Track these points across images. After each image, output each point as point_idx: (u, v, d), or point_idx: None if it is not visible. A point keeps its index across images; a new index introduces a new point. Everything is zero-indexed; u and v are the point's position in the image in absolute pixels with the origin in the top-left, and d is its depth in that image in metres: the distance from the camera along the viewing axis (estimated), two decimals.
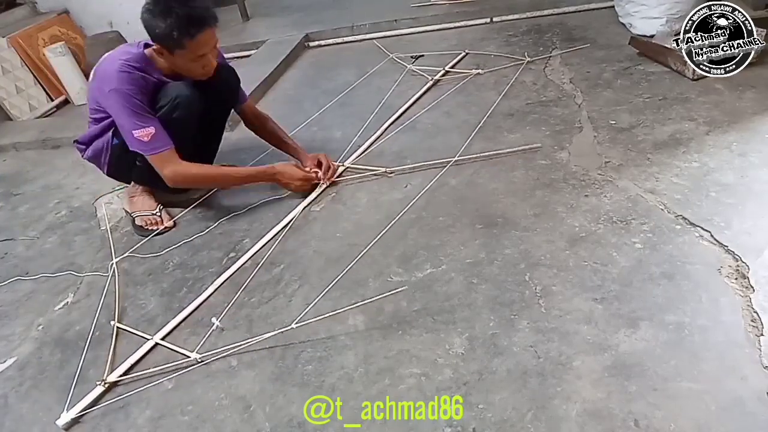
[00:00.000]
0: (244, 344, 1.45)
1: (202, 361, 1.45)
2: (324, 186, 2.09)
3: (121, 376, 1.44)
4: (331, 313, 1.47)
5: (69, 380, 1.47)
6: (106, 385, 1.41)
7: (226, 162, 2.31)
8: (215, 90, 1.96)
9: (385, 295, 1.49)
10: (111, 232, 2.11)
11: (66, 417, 1.34)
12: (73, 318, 1.72)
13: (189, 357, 1.45)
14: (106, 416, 1.36)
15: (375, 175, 2.13)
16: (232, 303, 1.62)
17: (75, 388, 1.43)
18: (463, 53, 3.13)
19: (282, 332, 1.45)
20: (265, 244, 1.86)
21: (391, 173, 2.11)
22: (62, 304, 1.79)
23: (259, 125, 2.23)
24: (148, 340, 1.54)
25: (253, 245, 1.85)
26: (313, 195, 2.07)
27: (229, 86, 2.07)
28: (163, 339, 1.54)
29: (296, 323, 1.45)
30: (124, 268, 1.90)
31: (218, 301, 1.66)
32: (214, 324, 1.52)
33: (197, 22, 1.69)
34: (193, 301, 1.66)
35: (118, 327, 1.61)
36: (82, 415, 1.37)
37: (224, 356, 1.45)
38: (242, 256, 1.82)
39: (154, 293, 1.75)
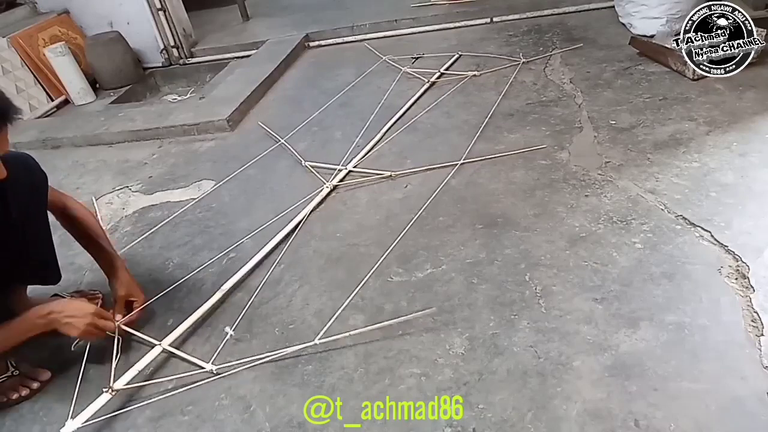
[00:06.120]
0: (260, 359, 1.40)
1: (218, 374, 1.39)
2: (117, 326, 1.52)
3: (127, 384, 1.37)
4: (360, 329, 1.42)
5: (72, 382, 1.41)
6: (113, 393, 1.34)
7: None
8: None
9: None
10: (111, 233, 2.11)
11: (72, 425, 1.27)
12: None
13: (204, 368, 1.41)
14: (106, 416, 1.35)
15: (379, 178, 2.11)
16: (242, 314, 1.62)
17: (79, 389, 1.38)
18: (457, 55, 3.11)
19: (305, 346, 1.41)
20: (272, 250, 1.81)
21: (395, 177, 2.09)
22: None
23: (67, 225, 1.63)
24: (155, 345, 1.47)
25: (256, 252, 1.80)
26: (316, 200, 1.98)
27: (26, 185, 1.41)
28: (170, 345, 1.48)
29: (319, 338, 1.42)
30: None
31: (221, 307, 1.65)
32: (227, 334, 1.49)
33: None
34: (197, 305, 1.61)
35: (123, 328, 1.52)
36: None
37: (241, 369, 1.39)
38: (244, 265, 1.75)
39: (155, 293, 1.74)
